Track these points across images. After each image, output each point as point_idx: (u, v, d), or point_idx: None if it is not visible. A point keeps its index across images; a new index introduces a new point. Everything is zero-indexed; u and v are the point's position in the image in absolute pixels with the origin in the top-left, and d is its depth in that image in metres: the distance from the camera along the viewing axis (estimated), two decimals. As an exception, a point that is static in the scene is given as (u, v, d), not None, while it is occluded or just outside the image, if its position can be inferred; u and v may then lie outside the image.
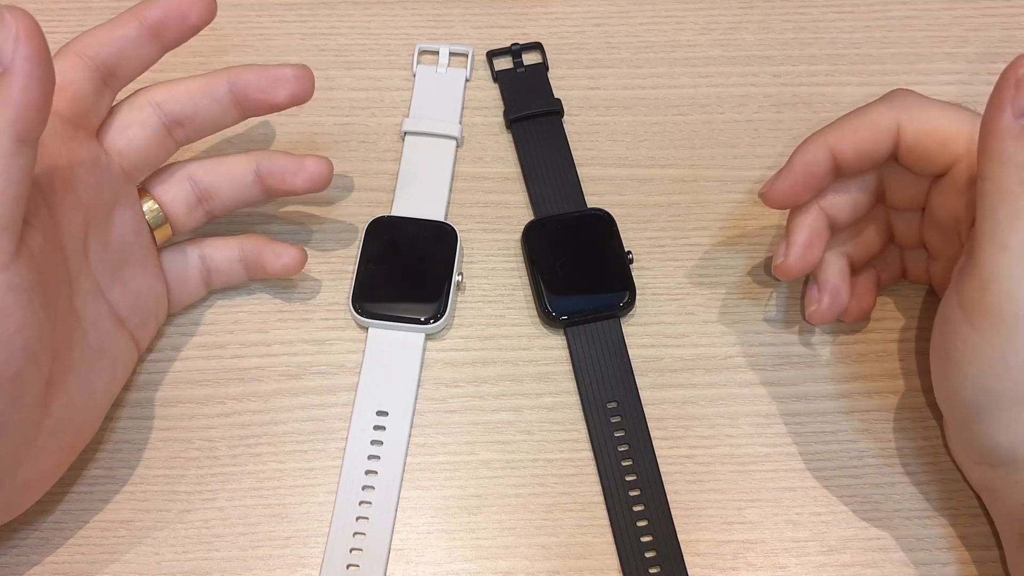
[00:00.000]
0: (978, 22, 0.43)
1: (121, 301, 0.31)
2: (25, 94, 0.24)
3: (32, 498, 0.29)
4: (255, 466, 0.32)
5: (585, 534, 0.31)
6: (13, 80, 0.24)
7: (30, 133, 0.24)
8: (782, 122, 0.40)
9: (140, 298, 0.32)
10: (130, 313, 0.31)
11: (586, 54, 0.42)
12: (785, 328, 0.35)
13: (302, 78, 0.32)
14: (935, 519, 0.32)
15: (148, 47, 0.30)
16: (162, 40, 0.31)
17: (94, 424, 0.31)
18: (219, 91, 0.32)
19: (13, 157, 0.24)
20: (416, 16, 0.43)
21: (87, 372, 0.29)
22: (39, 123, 0.24)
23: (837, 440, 0.33)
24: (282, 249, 0.34)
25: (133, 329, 0.32)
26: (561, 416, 0.34)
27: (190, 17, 0.30)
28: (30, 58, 0.24)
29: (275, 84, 0.32)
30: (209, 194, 0.33)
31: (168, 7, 0.30)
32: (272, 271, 0.34)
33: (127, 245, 0.31)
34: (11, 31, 0.23)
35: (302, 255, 0.34)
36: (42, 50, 0.24)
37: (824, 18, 0.43)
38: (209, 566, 0.31)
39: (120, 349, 0.31)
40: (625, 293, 0.35)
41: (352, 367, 0.34)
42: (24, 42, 0.23)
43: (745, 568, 0.31)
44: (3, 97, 0.24)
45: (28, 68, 0.24)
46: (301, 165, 0.33)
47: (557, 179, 0.38)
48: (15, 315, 0.25)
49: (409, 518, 0.32)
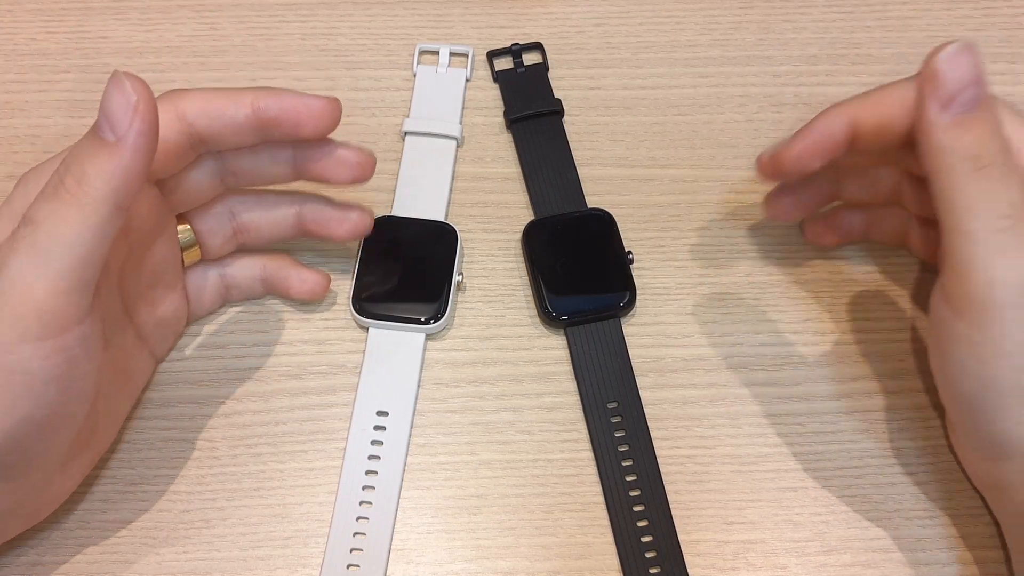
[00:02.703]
0: (978, 22, 0.43)
1: (147, 322, 0.32)
2: (134, 166, 0.24)
3: (52, 508, 0.30)
4: (255, 466, 0.32)
5: (585, 534, 0.31)
6: (124, 152, 0.24)
7: (128, 202, 0.25)
8: (782, 122, 0.40)
9: (165, 318, 0.32)
10: (153, 331, 0.32)
11: (586, 54, 0.42)
12: (785, 328, 0.35)
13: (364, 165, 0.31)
14: (935, 519, 0.32)
15: (250, 135, 0.29)
16: (266, 134, 0.29)
17: (115, 435, 0.32)
18: (282, 155, 0.31)
19: (109, 222, 0.25)
20: (416, 16, 0.43)
21: (111, 393, 0.30)
22: (137, 192, 0.25)
23: (837, 440, 0.33)
24: (308, 275, 0.34)
25: (153, 346, 0.32)
26: (561, 416, 0.34)
27: (303, 127, 0.29)
28: (144, 133, 0.24)
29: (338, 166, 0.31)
30: (246, 228, 0.33)
31: (286, 109, 0.29)
32: (297, 295, 0.34)
33: (159, 272, 0.31)
34: (130, 102, 0.24)
35: (326, 280, 0.34)
36: (155, 125, 0.25)
37: (824, 18, 0.43)
38: (209, 566, 0.31)
39: (140, 365, 0.32)
40: (625, 293, 0.35)
41: (352, 367, 0.34)
42: (141, 116, 0.24)
43: (745, 568, 0.31)
44: (112, 165, 0.24)
45: (141, 143, 0.24)
46: (345, 216, 0.33)
47: (557, 179, 0.38)
48: (82, 365, 0.26)
49: (409, 518, 0.32)
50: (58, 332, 0.24)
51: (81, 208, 0.24)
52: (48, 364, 0.24)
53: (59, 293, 0.24)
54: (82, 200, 0.24)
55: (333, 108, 0.29)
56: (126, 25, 0.43)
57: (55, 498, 0.29)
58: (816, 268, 0.37)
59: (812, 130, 0.30)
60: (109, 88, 0.24)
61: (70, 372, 0.25)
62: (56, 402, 0.25)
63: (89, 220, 0.24)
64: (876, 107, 0.29)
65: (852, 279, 0.36)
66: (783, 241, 0.37)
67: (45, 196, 0.25)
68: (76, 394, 0.26)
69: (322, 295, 0.35)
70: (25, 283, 0.24)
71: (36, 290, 0.24)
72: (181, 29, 0.42)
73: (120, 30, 0.42)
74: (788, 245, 0.37)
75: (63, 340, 0.25)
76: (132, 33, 0.42)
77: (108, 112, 0.24)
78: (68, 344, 0.25)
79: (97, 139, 0.24)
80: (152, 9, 0.43)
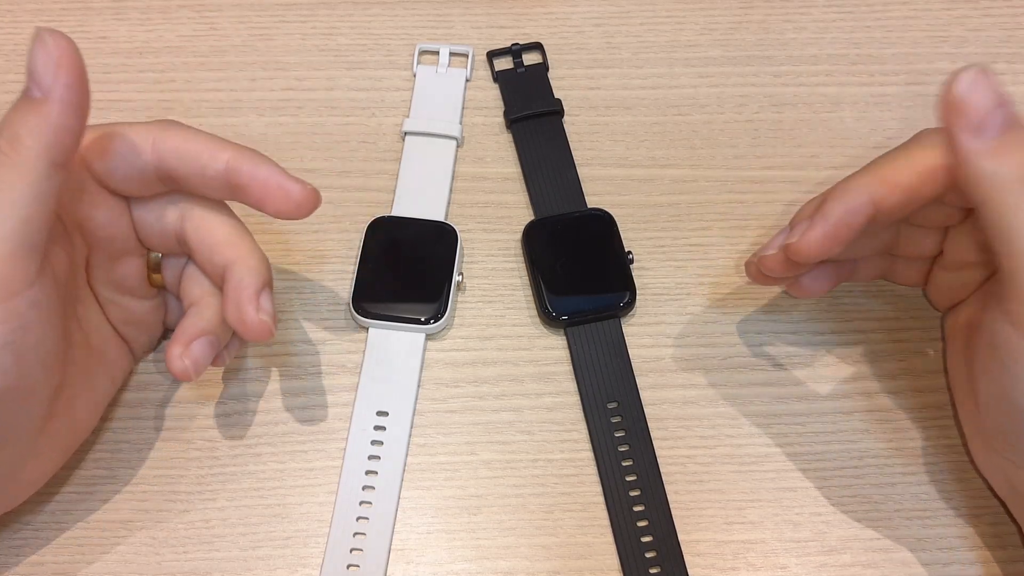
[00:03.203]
0: (978, 22, 0.43)
1: (119, 320, 0.32)
2: (62, 120, 0.24)
3: (29, 492, 0.29)
4: (255, 466, 0.32)
5: (585, 534, 0.31)
6: (52, 107, 0.24)
7: (64, 158, 0.25)
8: (782, 122, 0.40)
9: (141, 323, 0.32)
10: (125, 327, 0.32)
11: (586, 54, 0.42)
12: (785, 328, 0.35)
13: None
14: (936, 519, 0.32)
15: (220, 190, 0.29)
16: (235, 195, 0.29)
17: (92, 423, 0.31)
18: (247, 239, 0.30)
19: (47, 180, 0.24)
20: (416, 16, 0.43)
21: (90, 375, 0.30)
22: (72, 149, 0.25)
23: (837, 440, 0.33)
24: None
25: (131, 339, 0.32)
26: (561, 416, 0.34)
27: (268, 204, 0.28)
28: (70, 86, 0.24)
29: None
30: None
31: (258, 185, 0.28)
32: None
33: (130, 287, 0.31)
34: (52, 57, 0.24)
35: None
36: (81, 78, 0.24)
37: (824, 18, 0.43)
38: (209, 566, 0.31)
39: (119, 352, 0.32)
40: (625, 293, 0.35)
41: (352, 367, 0.34)
42: (65, 70, 0.24)
43: (745, 568, 0.31)
44: (41, 122, 0.24)
45: (67, 96, 0.24)
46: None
47: (557, 179, 0.38)
48: (35, 330, 0.25)
49: (409, 518, 0.32)
50: (6, 296, 0.24)
51: (16, 168, 0.24)
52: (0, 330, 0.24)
53: (3, 257, 0.24)
54: (16, 160, 0.24)
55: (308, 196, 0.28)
56: (126, 25, 0.43)
57: (28, 484, 0.29)
58: (816, 268, 0.37)
59: (830, 219, 0.28)
60: (33, 47, 0.24)
61: (24, 339, 0.25)
62: (12, 370, 0.25)
63: (26, 179, 0.24)
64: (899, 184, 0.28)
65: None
66: (783, 241, 0.37)
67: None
68: (34, 362, 0.25)
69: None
70: None
71: None
72: (181, 29, 0.42)
73: (120, 30, 0.42)
74: (788, 245, 0.37)
75: (12, 305, 0.24)
76: (132, 33, 0.42)
77: (33, 70, 0.24)
78: (18, 309, 0.24)
79: (26, 99, 0.24)
80: (152, 9, 0.43)
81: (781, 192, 0.38)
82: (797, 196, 0.38)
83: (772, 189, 0.39)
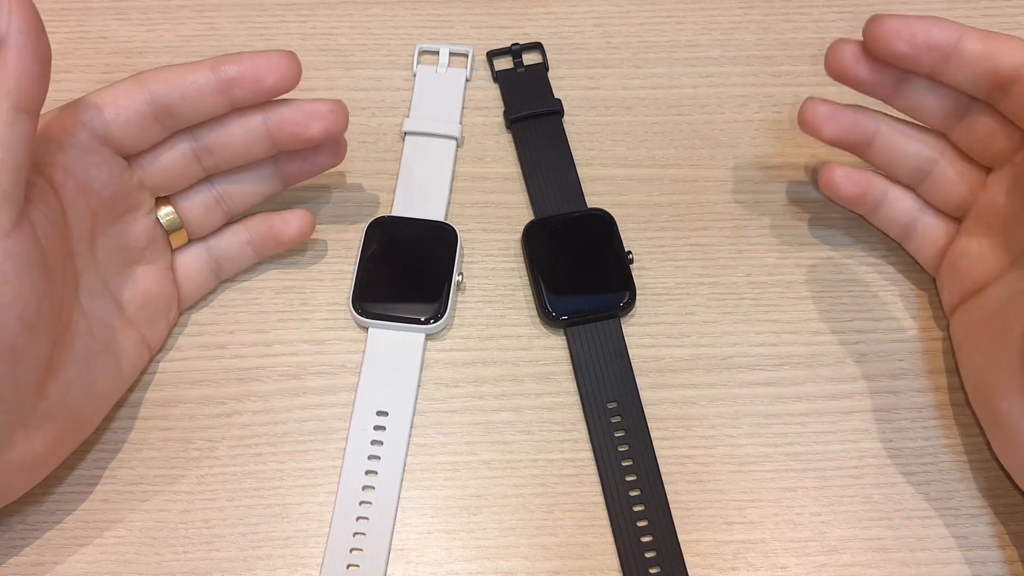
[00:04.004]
0: (978, 22, 0.43)
1: (131, 300, 0.31)
2: (21, 64, 0.24)
3: (26, 483, 0.29)
4: (255, 466, 0.32)
5: (585, 534, 0.31)
6: (9, 52, 0.24)
7: (28, 103, 0.25)
8: (782, 122, 0.40)
9: (150, 299, 0.32)
10: (139, 312, 0.32)
11: (586, 54, 0.42)
12: (785, 328, 0.35)
13: (336, 112, 0.32)
14: (936, 519, 0.32)
15: (215, 99, 0.30)
16: (232, 97, 0.30)
17: (93, 419, 0.31)
18: (252, 123, 0.32)
19: (12, 126, 0.25)
20: (416, 16, 0.43)
21: (89, 365, 0.29)
22: (37, 93, 0.25)
23: (837, 440, 0.33)
24: (290, 215, 0.35)
25: (143, 328, 0.32)
26: (561, 416, 0.34)
27: (265, 80, 0.30)
28: (24, 30, 0.24)
29: (309, 118, 0.32)
30: (229, 197, 0.34)
31: (245, 66, 0.30)
32: (287, 239, 0.35)
33: (139, 249, 0.32)
34: (4, 4, 0.24)
35: (311, 216, 0.35)
36: (36, 22, 0.25)
37: (824, 18, 0.43)
38: (209, 566, 0.31)
39: (127, 348, 0.31)
40: (625, 293, 0.35)
41: (352, 367, 0.34)
42: (18, 14, 0.24)
43: (745, 568, 0.31)
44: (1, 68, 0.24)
45: (23, 40, 0.24)
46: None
47: (557, 179, 0.38)
48: (13, 283, 0.25)
49: (409, 518, 0.32)
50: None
51: None
52: None
53: None
54: None
55: (291, 60, 0.30)
56: (126, 25, 0.43)
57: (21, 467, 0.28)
58: (816, 268, 0.37)
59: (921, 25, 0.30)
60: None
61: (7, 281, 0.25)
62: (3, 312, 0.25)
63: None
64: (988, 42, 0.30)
65: (852, 279, 0.36)
66: (783, 241, 0.37)
67: None
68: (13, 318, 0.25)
69: (309, 231, 0.35)
70: None
71: None
72: (181, 29, 0.42)
73: (120, 30, 0.42)
74: (788, 245, 0.37)
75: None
76: (132, 33, 0.42)
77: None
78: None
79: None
80: (152, 9, 0.43)
81: (781, 192, 0.38)
82: (797, 196, 0.38)
83: (772, 189, 0.39)
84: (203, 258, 0.34)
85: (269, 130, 0.32)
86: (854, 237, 0.37)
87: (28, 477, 0.29)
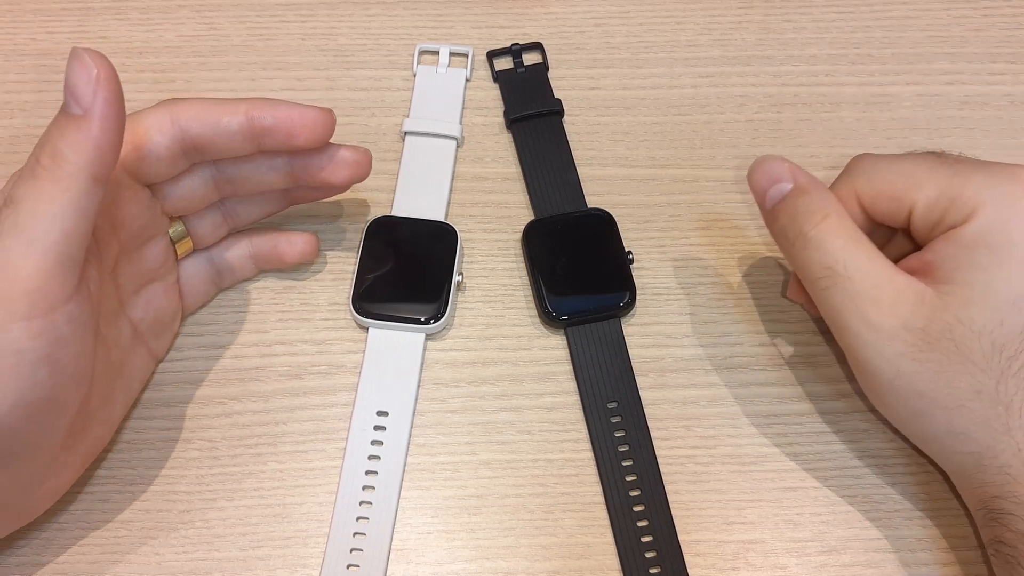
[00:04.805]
0: (978, 22, 0.43)
1: (143, 318, 0.32)
2: (103, 136, 0.25)
3: (47, 505, 0.30)
4: (255, 466, 0.32)
5: (585, 534, 0.31)
6: (92, 123, 0.24)
7: (104, 173, 0.25)
8: (782, 122, 0.40)
9: (160, 314, 0.32)
10: (149, 328, 0.32)
11: (586, 54, 0.42)
12: (785, 328, 0.35)
13: (362, 163, 0.32)
14: (936, 519, 0.32)
15: (244, 144, 0.30)
16: (260, 143, 0.30)
17: (110, 435, 0.31)
18: (277, 162, 0.32)
19: (88, 195, 0.25)
20: (416, 16, 0.43)
21: (109, 389, 0.30)
22: (112, 164, 0.25)
23: (837, 440, 0.33)
24: (296, 238, 0.35)
25: (151, 342, 0.32)
26: (561, 416, 0.34)
27: (296, 138, 0.30)
28: (110, 103, 0.25)
29: (336, 166, 0.32)
30: (235, 212, 0.34)
31: (280, 119, 0.29)
32: (290, 260, 0.35)
33: (153, 271, 0.32)
34: (91, 74, 0.24)
35: (316, 241, 0.35)
36: (119, 95, 0.25)
37: (824, 18, 0.43)
38: (209, 566, 0.31)
39: (139, 365, 0.32)
40: (625, 293, 0.35)
41: (352, 367, 0.34)
42: (104, 86, 0.24)
43: (745, 568, 0.31)
44: (82, 138, 0.24)
45: (107, 112, 0.25)
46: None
47: (557, 179, 0.38)
48: (73, 346, 0.26)
49: (409, 518, 0.32)
50: (46, 311, 0.24)
51: (58, 183, 0.24)
52: (37, 344, 0.24)
53: (45, 270, 0.24)
54: (58, 175, 0.24)
55: (327, 119, 0.30)
56: (126, 25, 0.43)
57: (47, 497, 0.29)
58: (816, 268, 0.37)
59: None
60: (70, 64, 0.24)
61: (59, 353, 0.25)
62: (47, 384, 0.25)
63: (68, 194, 0.24)
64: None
65: (852, 279, 0.36)
66: (783, 241, 0.37)
67: (23, 177, 0.25)
68: (67, 377, 0.26)
69: (313, 256, 0.35)
70: (10, 263, 0.24)
71: (22, 269, 0.24)
72: (181, 29, 0.42)
73: (120, 30, 0.42)
74: (788, 245, 0.37)
75: (51, 318, 0.24)
76: (132, 33, 0.42)
77: (72, 87, 0.24)
78: (56, 323, 0.25)
79: (65, 115, 0.25)
80: (152, 9, 0.43)
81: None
82: (797, 196, 0.38)
83: (772, 189, 0.38)
84: (205, 269, 0.34)
85: (293, 170, 0.32)
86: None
87: (50, 501, 0.30)
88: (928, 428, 0.29)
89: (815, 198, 0.30)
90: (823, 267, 0.29)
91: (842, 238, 0.29)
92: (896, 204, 0.30)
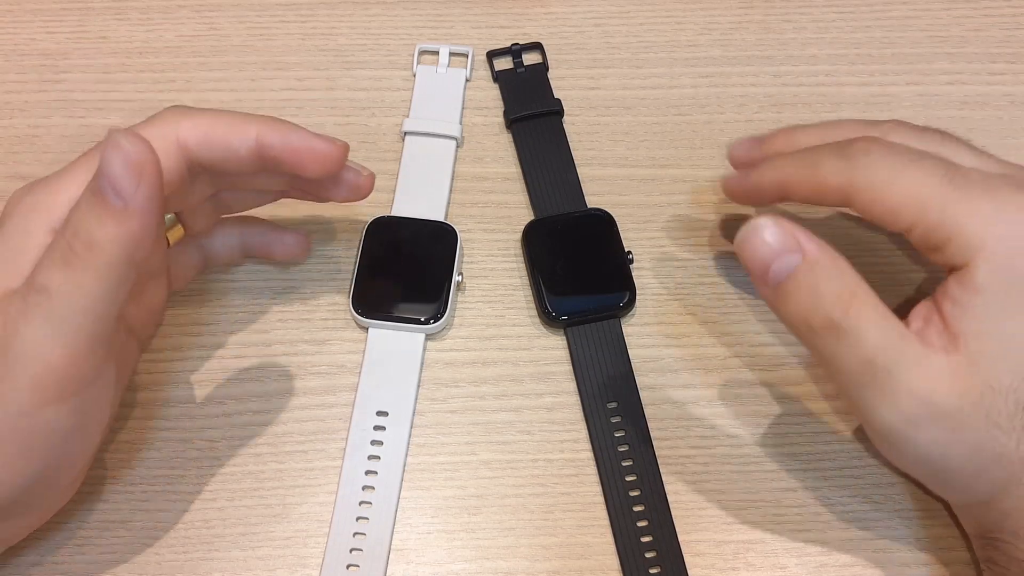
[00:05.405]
0: (978, 22, 0.43)
1: (137, 317, 0.31)
2: (143, 229, 0.24)
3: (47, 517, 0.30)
4: (255, 466, 0.32)
5: (585, 534, 0.31)
6: (134, 219, 0.24)
7: (142, 260, 0.25)
8: (782, 122, 0.40)
9: (152, 307, 0.32)
10: (141, 324, 0.32)
11: (586, 54, 0.42)
12: (785, 328, 0.35)
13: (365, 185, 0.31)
14: (936, 519, 0.32)
15: (252, 164, 0.29)
16: (268, 168, 0.29)
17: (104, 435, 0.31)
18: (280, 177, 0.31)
19: (123, 282, 0.24)
20: (416, 16, 0.43)
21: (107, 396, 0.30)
22: (148, 250, 0.25)
23: (837, 440, 0.33)
24: (289, 238, 0.35)
25: (140, 333, 0.32)
26: (561, 416, 0.34)
27: (305, 170, 0.29)
28: (152, 197, 0.24)
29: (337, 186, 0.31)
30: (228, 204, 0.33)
31: (290, 149, 0.28)
32: (279, 258, 0.35)
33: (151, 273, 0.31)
34: (132, 162, 0.23)
35: (308, 243, 0.35)
36: (161, 186, 0.24)
37: (824, 18, 0.43)
38: (209, 566, 0.31)
39: (129, 356, 0.32)
40: (625, 293, 0.35)
41: (352, 367, 0.34)
42: (148, 181, 0.23)
43: (745, 568, 0.31)
44: (122, 231, 0.24)
45: (149, 207, 0.24)
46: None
47: (557, 179, 0.38)
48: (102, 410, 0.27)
49: (409, 518, 0.32)
50: (76, 391, 0.25)
51: (94, 273, 0.24)
52: (70, 421, 0.25)
53: (77, 356, 0.24)
54: (94, 266, 0.24)
55: (339, 154, 0.29)
56: (126, 25, 0.43)
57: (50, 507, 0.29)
58: (816, 268, 0.37)
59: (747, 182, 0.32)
60: (108, 152, 0.23)
61: (88, 421, 0.26)
62: (75, 450, 0.26)
63: (103, 285, 0.24)
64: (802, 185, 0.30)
65: (852, 279, 0.36)
66: (783, 241, 0.37)
67: (55, 262, 0.24)
68: (92, 435, 0.27)
69: (304, 257, 0.36)
70: (42, 350, 0.24)
71: (55, 357, 0.24)
72: (181, 29, 0.42)
73: (120, 30, 0.42)
74: (788, 245, 0.37)
75: (82, 396, 0.25)
76: (132, 33, 0.42)
77: (112, 177, 0.23)
78: (87, 397, 0.25)
79: (102, 201, 0.23)
80: (152, 9, 0.43)
81: (781, 192, 0.38)
82: (797, 196, 0.38)
83: (772, 189, 0.38)
84: (193, 254, 0.34)
85: (294, 182, 0.32)
86: (853, 238, 0.37)
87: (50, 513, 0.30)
88: (944, 490, 0.29)
89: (833, 272, 0.27)
90: (863, 362, 0.26)
91: (876, 325, 0.26)
92: (893, 218, 0.28)
